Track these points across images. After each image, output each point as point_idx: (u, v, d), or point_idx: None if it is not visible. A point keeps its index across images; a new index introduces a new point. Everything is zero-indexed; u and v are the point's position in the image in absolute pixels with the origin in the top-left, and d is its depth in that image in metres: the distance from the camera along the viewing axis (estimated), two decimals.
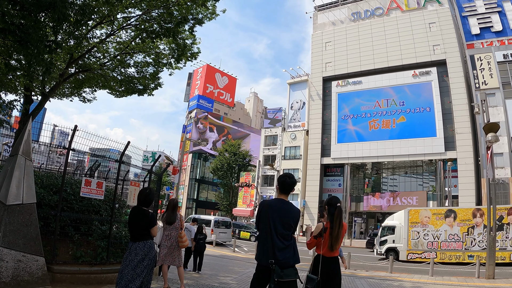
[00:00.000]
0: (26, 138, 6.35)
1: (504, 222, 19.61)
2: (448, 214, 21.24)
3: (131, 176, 13.88)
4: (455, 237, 20.65)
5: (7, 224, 5.77)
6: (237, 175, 60.41)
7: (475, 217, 20.50)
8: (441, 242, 20.68)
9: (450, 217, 21.05)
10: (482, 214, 20.24)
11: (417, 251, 21.39)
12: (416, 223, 21.82)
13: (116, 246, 8.43)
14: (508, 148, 36.85)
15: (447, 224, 20.96)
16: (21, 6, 6.99)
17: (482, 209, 20.60)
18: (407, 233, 21.94)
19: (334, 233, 5.14)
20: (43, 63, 8.04)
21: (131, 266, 5.22)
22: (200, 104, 75.28)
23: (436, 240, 21.11)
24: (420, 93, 44.85)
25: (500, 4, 41.96)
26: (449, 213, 21.28)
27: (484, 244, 19.33)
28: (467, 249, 20.21)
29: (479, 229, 20.09)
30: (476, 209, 21.14)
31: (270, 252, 3.99)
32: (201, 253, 11.76)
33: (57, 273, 6.91)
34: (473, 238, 20.19)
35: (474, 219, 20.45)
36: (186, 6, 10.08)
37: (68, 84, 13.05)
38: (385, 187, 49.56)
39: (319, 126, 51.26)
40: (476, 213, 20.59)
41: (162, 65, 12.67)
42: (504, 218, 19.79)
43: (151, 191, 5.72)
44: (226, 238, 27.30)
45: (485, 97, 17.17)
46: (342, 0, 54.64)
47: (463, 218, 20.79)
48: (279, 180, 4.39)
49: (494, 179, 15.56)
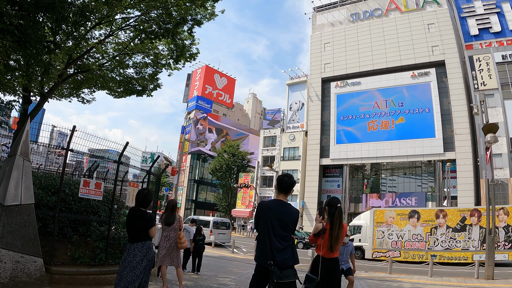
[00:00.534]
0: (24, 139, 6.33)
1: (467, 223, 20.01)
2: (411, 214, 21.82)
3: (130, 177, 13.85)
4: (418, 237, 21.13)
5: (5, 225, 5.75)
6: (236, 176, 60.40)
7: (438, 218, 20.99)
8: (405, 241, 21.16)
9: (413, 217, 21.68)
10: (445, 215, 20.74)
11: (382, 249, 21.97)
12: (381, 223, 22.48)
13: (114, 247, 8.41)
14: (507, 148, 36.88)
15: (410, 225, 21.55)
16: (20, 6, 6.97)
17: (445, 210, 21.21)
18: (373, 232, 22.65)
19: (334, 234, 5.13)
20: (42, 63, 8.02)
21: (130, 268, 5.20)
22: (199, 105, 75.26)
23: (400, 239, 21.62)
24: (419, 94, 44.89)
25: (499, 5, 42.03)
26: (413, 213, 21.88)
27: (446, 244, 19.94)
28: (430, 249, 20.60)
29: (442, 230, 20.52)
30: (439, 210, 21.66)
31: (269, 253, 3.98)
32: (200, 254, 11.73)
33: (55, 274, 6.89)
34: (436, 238, 20.64)
35: (437, 220, 20.98)
36: (185, 7, 10.08)
37: (67, 84, 13.04)
38: (384, 188, 49.61)
39: (318, 127, 51.27)
40: (439, 214, 21.13)
41: (161, 65, 12.65)
42: (467, 219, 20.14)
43: (149, 192, 5.71)
44: (225, 239, 27.27)
45: (484, 98, 17.18)
46: (341, 1, 54.71)
47: (426, 219, 21.34)
48: (278, 181, 4.36)
49: (493, 180, 15.57)
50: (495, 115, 36.99)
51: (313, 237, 5.38)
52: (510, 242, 18.64)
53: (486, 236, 15.08)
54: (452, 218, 20.42)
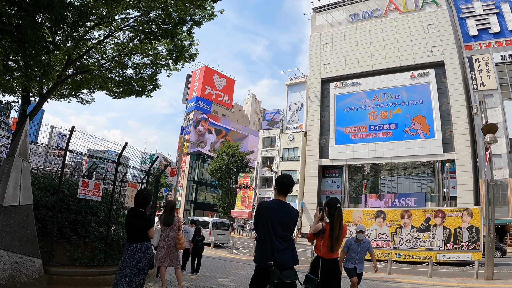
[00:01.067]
0: (23, 139, 6.32)
1: (431, 223, 20.28)
2: (378, 214, 22.16)
3: (129, 177, 13.86)
4: (384, 236, 21.41)
5: (4, 225, 5.74)
6: (235, 176, 60.39)
7: (403, 218, 21.36)
8: (371, 240, 21.37)
9: (379, 217, 22.01)
10: (410, 215, 21.08)
11: None
12: (348, 222, 22.59)
13: (113, 248, 8.39)
14: (506, 149, 36.92)
15: (377, 224, 21.82)
16: (19, 6, 6.96)
17: (410, 211, 21.65)
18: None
19: (334, 234, 5.13)
20: (41, 64, 8.00)
21: (129, 268, 5.19)
22: (198, 105, 75.23)
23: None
24: (418, 94, 44.94)
25: (498, 5, 42.11)
26: (379, 213, 22.21)
27: (411, 243, 20.38)
28: (395, 248, 20.92)
29: (407, 230, 20.81)
30: (404, 210, 22.05)
31: (269, 254, 3.97)
32: (199, 255, 11.71)
33: (54, 275, 6.87)
34: (401, 237, 20.96)
35: (402, 220, 21.34)
36: (184, 7, 10.06)
37: (66, 85, 13.01)
38: (384, 188, 49.64)
39: (317, 128, 51.29)
40: (404, 214, 21.49)
41: (160, 66, 12.63)
42: (431, 220, 20.36)
43: (148, 192, 5.70)
44: (224, 240, 27.24)
45: (483, 98, 17.21)
46: (340, 2, 54.77)
47: (392, 219, 21.74)
48: (277, 181, 4.35)
49: (492, 180, 15.57)
50: (495, 115, 37.03)
51: (312, 235, 5.37)
52: (473, 243, 18.88)
53: (486, 236, 15.07)
54: (417, 219, 20.97)
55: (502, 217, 33.40)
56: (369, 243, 7.95)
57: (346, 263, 7.58)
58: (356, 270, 7.52)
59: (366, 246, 7.78)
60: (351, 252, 7.55)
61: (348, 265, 7.54)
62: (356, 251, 7.54)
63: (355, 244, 7.60)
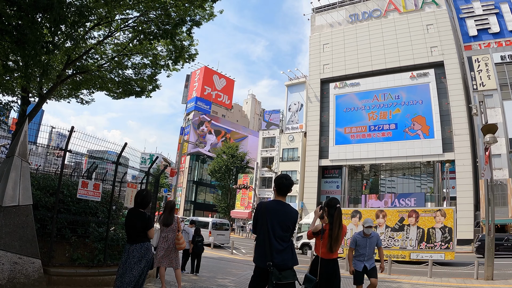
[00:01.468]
0: (22, 139, 6.31)
1: (405, 223, 20.64)
2: (354, 214, 22.74)
3: (128, 178, 13.85)
4: None
5: (3, 226, 5.73)
6: (235, 177, 60.37)
7: (378, 217, 21.69)
8: (347, 239, 21.41)
9: (355, 217, 22.51)
10: (384, 215, 21.49)
11: None
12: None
13: (113, 248, 8.38)
14: (506, 149, 36.92)
15: (352, 224, 22.15)
16: (18, 6, 6.95)
17: (384, 211, 22.14)
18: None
19: (333, 235, 5.13)
20: (41, 64, 8.00)
21: (129, 269, 5.19)
22: (198, 106, 75.22)
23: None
24: (418, 94, 44.95)
25: (498, 5, 42.13)
26: (355, 213, 22.83)
27: (386, 243, 20.62)
28: None
29: (381, 229, 21.09)
30: (379, 210, 22.62)
31: (268, 254, 3.96)
32: (199, 255, 11.72)
33: (53, 276, 6.85)
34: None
35: (377, 219, 21.62)
36: (184, 8, 10.06)
37: (65, 85, 13.01)
38: (383, 188, 49.62)
39: (317, 128, 51.28)
40: (379, 214, 21.91)
41: (160, 66, 12.63)
42: (405, 220, 20.63)
43: (148, 193, 5.69)
44: (224, 240, 27.24)
45: (483, 99, 17.19)
46: (340, 2, 54.79)
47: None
48: (276, 182, 4.32)
49: (492, 180, 15.56)
50: (494, 115, 37.03)
51: (311, 234, 5.37)
52: (446, 243, 19.08)
53: (486, 236, 15.07)
54: (391, 218, 21.35)
55: (502, 217, 33.43)
56: (377, 237, 7.36)
57: (356, 263, 7.07)
58: (367, 268, 7.01)
59: (375, 240, 7.24)
60: (359, 248, 7.07)
61: (358, 266, 7.02)
62: (364, 246, 7.06)
63: (363, 240, 7.10)
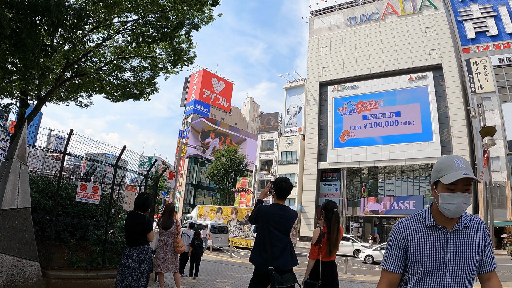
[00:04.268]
0: (21, 142, 6.30)
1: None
2: (218, 210, 32.15)
3: (127, 181, 13.79)
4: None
5: (2, 228, 5.71)
6: (233, 180, 60.32)
7: (232, 213, 30.76)
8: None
9: (219, 212, 31.84)
10: (236, 212, 30.69)
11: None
12: (201, 215, 32.39)
13: (112, 251, 8.35)
14: (505, 151, 36.98)
15: (217, 217, 31.17)
16: (17, 9, 6.95)
17: (237, 209, 31.67)
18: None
19: (332, 239, 5.11)
20: (39, 67, 8.00)
21: (129, 272, 5.18)
22: (196, 109, 75.25)
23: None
24: (416, 97, 45.01)
25: (496, 8, 42.26)
26: (219, 210, 32.26)
27: (237, 233, 29.61)
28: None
29: (234, 222, 30.19)
30: (233, 208, 32.10)
31: (269, 259, 3.96)
32: (198, 259, 11.69)
33: (52, 279, 6.83)
34: (231, 228, 29.91)
35: (232, 215, 30.60)
36: (182, 11, 10.08)
37: (64, 88, 12.99)
38: (382, 191, 49.62)
39: (315, 131, 51.29)
40: (233, 211, 31.11)
41: (158, 69, 12.63)
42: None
43: (148, 196, 5.69)
44: (222, 243, 27.20)
45: (481, 101, 17.25)
46: (338, 5, 54.90)
47: (226, 214, 31.42)
48: (276, 186, 4.31)
49: (490, 183, 15.58)
50: (493, 118, 37.12)
51: (313, 247, 5.24)
52: None
53: None
54: (241, 215, 29.76)
55: (500, 219, 33.45)
56: None
57: None
58: None
59: None
60: None
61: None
62: None
63: None
